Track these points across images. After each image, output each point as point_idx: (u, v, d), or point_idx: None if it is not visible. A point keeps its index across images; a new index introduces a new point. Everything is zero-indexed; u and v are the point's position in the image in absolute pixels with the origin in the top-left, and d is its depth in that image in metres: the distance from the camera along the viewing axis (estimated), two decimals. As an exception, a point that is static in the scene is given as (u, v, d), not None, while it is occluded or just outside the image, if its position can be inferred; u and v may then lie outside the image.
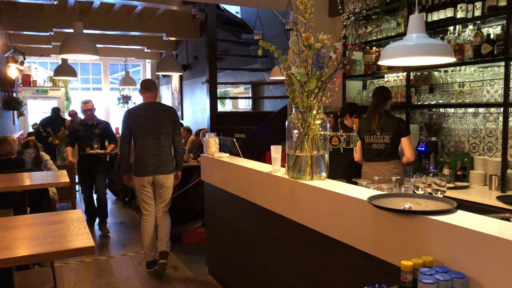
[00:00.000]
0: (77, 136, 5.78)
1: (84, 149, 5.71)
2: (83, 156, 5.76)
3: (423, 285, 1.44)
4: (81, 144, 5.75)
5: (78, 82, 13.08)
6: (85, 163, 5.76)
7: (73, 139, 5.90)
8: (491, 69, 3.56)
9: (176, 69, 9.02)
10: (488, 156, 3.72)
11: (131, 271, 4.34)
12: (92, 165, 5.73)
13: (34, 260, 1.88)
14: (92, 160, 5.72)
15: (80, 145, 5.77)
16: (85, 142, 5.72)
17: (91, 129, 5.78)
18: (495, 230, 1.50)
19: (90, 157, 5.70)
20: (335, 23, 4.72)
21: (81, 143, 5.75)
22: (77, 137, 5.77)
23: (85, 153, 5.71)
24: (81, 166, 5.84)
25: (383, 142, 3.65)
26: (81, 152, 5.77)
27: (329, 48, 2.40)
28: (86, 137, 5.72)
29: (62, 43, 5.18)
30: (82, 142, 5.74)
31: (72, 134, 5.89)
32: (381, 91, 3.81)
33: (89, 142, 5.71)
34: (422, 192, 2.09)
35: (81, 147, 5.76)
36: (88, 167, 5.76)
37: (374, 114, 3.71)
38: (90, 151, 5.65)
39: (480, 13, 3.38)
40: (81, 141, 5.74)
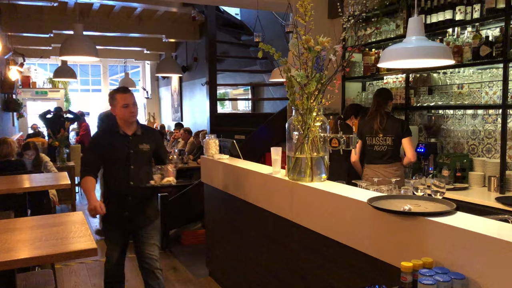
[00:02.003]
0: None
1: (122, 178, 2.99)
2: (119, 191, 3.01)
3: (422, 286, 1.46)
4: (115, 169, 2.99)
5: (77, 83, 13.09)
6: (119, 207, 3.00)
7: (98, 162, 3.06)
8: (489, 71, 3.57)
9: (176, 71, 9.04)
10: (487, 157, 3.74)
11: (131, 273, 4.34)
12: (133, 210, 3.00)
13: (37, 262, 1.90)
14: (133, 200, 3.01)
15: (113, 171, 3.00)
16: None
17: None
18: (494, 232, 1.52)
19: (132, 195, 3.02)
20: (334, 25, 4.73)
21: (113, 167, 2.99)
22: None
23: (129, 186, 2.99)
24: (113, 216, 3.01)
25: (385, 144, 3.65)
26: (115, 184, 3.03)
27: (329, 51, 2.41)
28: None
29: (62, 45, 5.19)
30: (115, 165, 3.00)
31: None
32: (382, 92, 3.81)
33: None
34: (421, 193, 2.10)
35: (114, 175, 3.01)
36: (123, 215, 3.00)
37: (375, 115, 3.70)
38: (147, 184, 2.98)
39: (478, 15, 3.40)
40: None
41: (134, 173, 2.93)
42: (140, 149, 2.98)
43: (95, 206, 2.82)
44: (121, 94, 2.96)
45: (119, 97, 2.94)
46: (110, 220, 3.05)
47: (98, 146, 3.00)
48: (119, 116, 2.97)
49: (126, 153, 2.94)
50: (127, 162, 2.93)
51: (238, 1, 5.90)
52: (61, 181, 3.72)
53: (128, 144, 2.96)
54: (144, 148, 3.00)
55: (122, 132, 2.98)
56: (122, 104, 2.92)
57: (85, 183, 2.93)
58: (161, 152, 3.20)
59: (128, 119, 2.96)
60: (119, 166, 2.93)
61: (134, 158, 2.95)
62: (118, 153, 2.94)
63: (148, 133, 3.12)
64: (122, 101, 2.93)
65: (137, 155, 2.96)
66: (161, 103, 13.31)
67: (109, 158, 2.96)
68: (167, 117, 12.61)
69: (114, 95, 2.97)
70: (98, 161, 2.99)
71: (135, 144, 2.97)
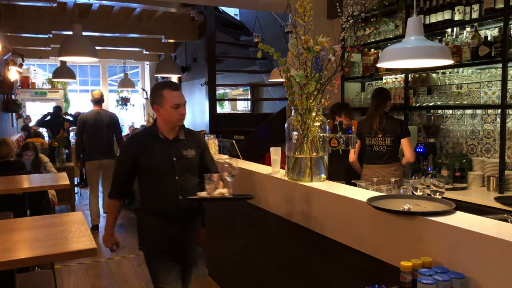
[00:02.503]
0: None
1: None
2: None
3: (422, 285, 1.46)
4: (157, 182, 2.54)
5: (76, 84, 13.08)
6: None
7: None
8: (488, 71, 3.58)
9: (175, 71, 9.04)
10: (486, 157, 3.75)
11: (130, 273, 4.34)
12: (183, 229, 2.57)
13: (36, 262, 1.90)
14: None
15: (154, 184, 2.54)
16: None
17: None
18: (493, 231, 1.52)
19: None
20: (334, 25, 4.73)
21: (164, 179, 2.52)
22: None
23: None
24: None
25: (385, 144, 3.65)
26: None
27: (328, 51, 2.42)
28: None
29: (62, 45, 5.19)
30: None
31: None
32: (381, 92, 3.81)
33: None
34: (420, 193, 2.11)
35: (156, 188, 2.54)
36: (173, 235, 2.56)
37: (374, 115, 3.70)
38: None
39: (477, 15, 3.41)
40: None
41: (181, 185, 2.44)
42: (184, 156, 2.47)
43: (111, 246, 2.57)
44: (172, 91, 2.40)
45: (169, 95, 2.38)
46: (156, 243, 2.52)
47: (132, 154, 2.44)
48: (164, 118, 2.42)
49: (169, 161, 2.43)
50: (171, 172, 2.42)
51: (237, 1, 5.91)
52: (60, 182, 3.71)
53: (170, 151, 2.45)
54: (189, 154, 2.49)
55: (162, 136, 2.46)
56: (172, 104, 2.38)
57: (110, 210, 2.55)
58: (207, 159, 2.64)
59: (176, 123, 2.45)
60: (162, 178, 2.44)
61: (179, 167, 2.44)
62: (158, 161, 2.42)
63: (192, 136, 2.59)
64: (173, 100, 2.38)
65: (181, 163, 2.46)
66: (160, 103, 13.31)
67: (148, 168, 2.45)
68: (166, 117, 12.60)
69: (162, 91, 2.40)
70: (131, 177, 2.50)
71: (178, 150, 2.46)
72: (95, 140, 5.70)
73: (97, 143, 5.70)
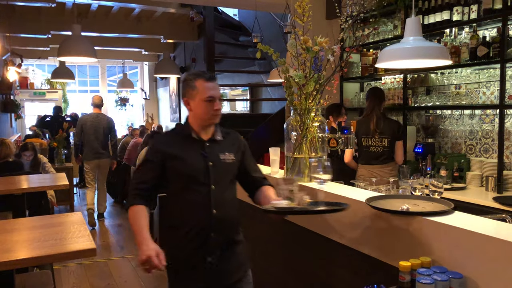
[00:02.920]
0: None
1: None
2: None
3: (421, 285, 1.46)
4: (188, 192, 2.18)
5: (75, 84, 13.07)
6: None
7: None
8: (487, 71, 3.59)
9: (174, 72, 9.04)
10: (485, 157, 3.75)
11: (129, 273, 4.34)
12: (219, 254, 2.10)
13: (35, 263, 1.90)
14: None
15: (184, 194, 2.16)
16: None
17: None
18: (491, 231, 1.53)
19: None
20: (332, 26, 4.74)
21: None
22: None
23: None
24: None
25: (381, 145, 3.67)
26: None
27: (327, 51, 2.43)
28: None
29: (61, 45, 5.19)
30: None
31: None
32: (377, 93, 3.83)
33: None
34: (419, 193, 2.12)
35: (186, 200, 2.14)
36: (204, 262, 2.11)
37: (371, 116, 3.72)
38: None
39: (476, 15, 3.41)
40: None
41: (217, 196, 2.00)
42: (222, 160, 2.04)
43: (150, 257, 1.74)
44: (205, 81, 1.99)
45: (202, 86, 1.98)
46: (182, 272, 2.04)
47: (161, 156, 1.99)
48: (196, 113, 2.02)
49: (203, 166, 2.00)
50: (205, 180, 1.99)
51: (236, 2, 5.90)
52: (59, 182, 3.71)
53: (205, 154, 2.02)
54: (227, 159, 2.06)
55: (196, 137, 2.04)
56: (205, 95, 1.97)
57: (134, 216, 1.93)
58: (250, 165, 2.20)
59: (210, 120, 2.02)
60: (194, 187, 1.98)
61: (215, 174, 2.01)
62: (190, 166, 1.99)
63: (230, 137, 2.16)
64: (207, 91, 1.98)
65: (218, 170, 2.02)
66: (159, 103, 13.30)
67: (177, 175, 2.00)
68: (165, 117, 12.60)
69: (194, 81, 2.00)
70: (157, 180, 2.01)
71: (214, 154, 2.03)
72: (93, 141, 6.13)
73: (95, 144, 6.13)
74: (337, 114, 4.16)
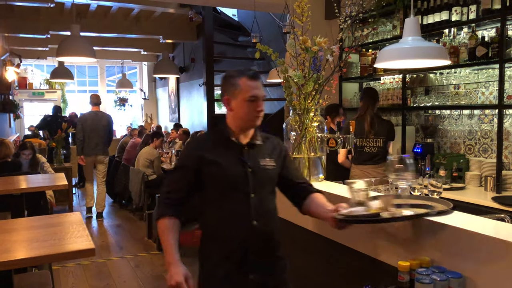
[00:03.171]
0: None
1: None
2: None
3: (420, 285, 1.46)
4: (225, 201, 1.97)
5: (74, 84, 13.06)
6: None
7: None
8: (485, 71, 3.59)
9: (173, 72, 9.03)
10: (484, 157, 3.76)
11: (128, 273, 4.34)
12: (261, 270, 1.93)
13: (34, 263, 1.89)
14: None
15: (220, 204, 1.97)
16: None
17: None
18: (490, 231, 1.53)
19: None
20: (331, 26, 4.74)
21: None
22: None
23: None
24: None
25: (376, 146, 3.70)
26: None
27: (326, 51, 2.42)
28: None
29: (59, 45, 5.18)
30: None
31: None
32: (371, 93, 3.86)
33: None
34: (418, 193, 2.11)
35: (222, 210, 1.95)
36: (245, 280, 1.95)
37: (365, 117, 3.74)
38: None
39: (474, 16, 3.42)
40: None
41: (257, 206, 1.83)
42: (261, 167, 1.88)
43: (179, 283, 1.66)
44: (249, 79, 1.84)
45: (245, 84, 1.82)
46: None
47: (197, 160, 1.82)
48: (236, 114, 1.85)
49: (242, 173, 1.83)
50: (244, 187, 1.82)
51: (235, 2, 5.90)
52: (58, 182, 3.71)
53: (244, 159, 1.85)
54: (267, 165, 1.90)
55: (235, 140, 1.87)
56: (248, 95, 1.81)
57: (163, 231, 1.79)
58: (293, 171, 2.03)
59: (252, 121, 1.86)
60: (232, 195, 1.83)
61: (255, 181, 1.84)
62: (228, 172, 1.82)
63: (271, 142, 1.99)
64: (250, 90, 1.82)
65: (258, 176, 1.85)
66: (159, 104, 13.30)
67: (214, 181, 1.84)
68: (165, 118, 12.60)
69: (237, 78, 1.84)
70: (191, 188, 1.85)
71: (254, 159, 1.87)
72: (93, 137, 6.38)
73: (94, 140, 6.39)
74: (335, 115, 4.17)
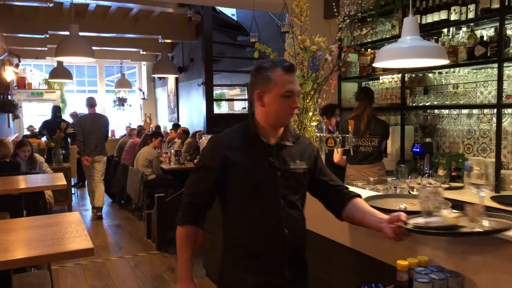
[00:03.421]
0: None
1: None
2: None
3: (418, 284, 1.47)
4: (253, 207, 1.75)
5: (73, 84, 13.04)
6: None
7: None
8: (484, 70, 3.60)
9: (172, 71, 9.03)
10: (482, 156, 3.76)
11: (128, 273, 4.34)
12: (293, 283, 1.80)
13: (33, 262, 1.89)
14: None
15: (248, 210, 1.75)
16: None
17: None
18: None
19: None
20: (330, 25, 4.74)
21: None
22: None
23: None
24: None
25: (371, 145, 3.72)
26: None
27: (324, 51, 2.43)
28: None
29: (58, 45, 5.18)
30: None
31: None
32: (367, 92, 3.88)
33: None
34: (417, 192, 2.12)
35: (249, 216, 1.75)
36: None
37: (362, 117, 3.75)
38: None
39: (473, 15, 3.42)
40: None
41: (287, 213, 1.68)
42: (292, 170, 1.71)
43: None
44: (285, 73, 1.63)
45: (280, 78, 1.63)
46: None
47: (222, 161, 1.65)
48: (268, 110, 1.66)
49: (271, 176, 1.67)
50: (273, 192, 1.67)
51: (234, 1, 5.90)
52: (57, 182, 3.70)
53: (273, 161, 1.68)
54: (298, 168, 1.72)
55: (264, 140, 1.70)
56: (284, 90, 1.62)
57: (181, 240, 1.69)
58: (327, 174, 1.85)
59: (285, 119, 1.69)
60: (260, 200, 1.67)
61: (284, 186, 1.68)
62: (256, 175, 1.66)
63: (301, 142, 1.81)
64: (286, 85, 1.63)
65: (288, 181, 1.70)
66: (158, 103, 13.30)
67: (240, 186, 1.67)
68: (164, 117, 12.59)
69: (271, 71, 1.63)
70: (214, 192, 1.70)
71: (283, 162, 1.70)
72: (92, 139, 6.63)
73: (94, 142, 6.63)
74: (331, 115, 4.18)
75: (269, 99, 1.65)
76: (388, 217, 1.61)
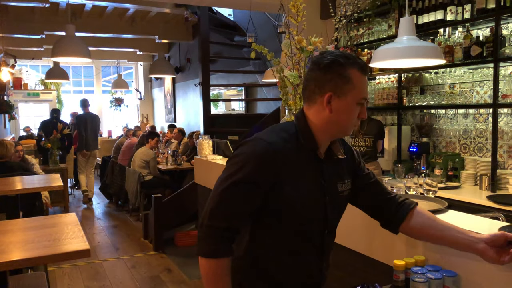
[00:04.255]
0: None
1: None
2: None
3: (415, 284, 1.47)
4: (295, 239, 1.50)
5: (70, 85, 13.00)
6: None
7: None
8: (480, 70, 3.61)
9: (169, 72, 9.02)
10: (479, 156, 3.77)
11: (124, 274, 4.33)
12: None
13: (29, 264, 1.88)
14: None
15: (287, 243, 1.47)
16: None
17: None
18: (485, 229, 1.53)
19: None
20: (327, 25, 4.75)
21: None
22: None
23: None
24: None
25: (365, 145, 3.73)
26: None
27: (321, 51, 2.43)
28: None
29: (54, 46, 5.16)
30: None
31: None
32: None
33: None
34: (414, 192, 2.12)
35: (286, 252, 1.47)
36: None
37: None
38: None
39: (469, 15, 3.43)
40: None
41: (329, 245, 1.46)
42: (339, 194, 1.43)
43: None
44: (362, 73, 1.32)
45: (358, 80, 1.31)
46: None
47: (270, 178, 1.27)
48: (336, 119, 1.34)
49: (320, 201, 1.37)
50: (319, 222, 1.39)
51: (230, 2, 5.90)
52: (53, 183, 3.69)
53: (324, 182, 1.37)
54: (345, 191, 1.45)
55: (318, 154, 1.36)
56: (361, 96, 1.33)
57: (218, 275, 1.28)
58: (378, 182, 1.54)
59: (349, 131, 1.41)
60: (304, 229, 1.36)
61: (332, 213, 1.41)
62: (307, 200, 1.34)
63: (346, 151, 1.49)
64: (365, 89, 1.34)
65: (334, 207, 1.42)
66: (154, 104, 13.28)
67: (285, 210, 1.32)
68: (161, 118, 12.58)
69: (348, 69, 1.29)
70: (253, 214, 1.31)
71: (332, 182, 1.40)
72: (90, 135, 7.64)
73: (91, 136, 7.67)
74: None
75: (341, 104, 1.31)
76: (488, 237, 1.31)
